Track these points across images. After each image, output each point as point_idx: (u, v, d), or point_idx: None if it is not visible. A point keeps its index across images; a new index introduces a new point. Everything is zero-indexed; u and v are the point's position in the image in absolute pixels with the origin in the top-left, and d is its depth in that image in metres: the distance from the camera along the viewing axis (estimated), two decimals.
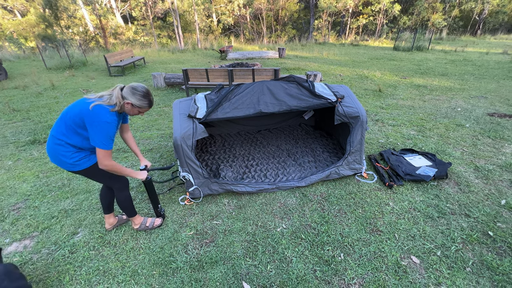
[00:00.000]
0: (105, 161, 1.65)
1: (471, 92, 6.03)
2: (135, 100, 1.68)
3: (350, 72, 8.49)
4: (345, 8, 21.89)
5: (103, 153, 1.63)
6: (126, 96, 1.67)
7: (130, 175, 1.87)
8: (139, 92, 1.69)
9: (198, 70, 5.59)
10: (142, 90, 1.70)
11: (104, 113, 1.58)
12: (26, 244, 2.12)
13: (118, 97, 1.65)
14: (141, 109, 1.75)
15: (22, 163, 3.41)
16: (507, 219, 2.22)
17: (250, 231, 2.19)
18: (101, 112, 1.58)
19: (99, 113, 1.57)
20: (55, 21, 17.66)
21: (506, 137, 3.67)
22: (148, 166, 2.13)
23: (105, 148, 1.62)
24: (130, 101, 1.68)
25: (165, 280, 1.79)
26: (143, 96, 1.70)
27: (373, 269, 1.82)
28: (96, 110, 1.57)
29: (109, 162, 1.67)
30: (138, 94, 1.68)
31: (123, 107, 1.70)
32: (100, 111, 1.58)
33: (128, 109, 1.73)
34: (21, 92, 6.96)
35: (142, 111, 1.77)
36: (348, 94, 2.73)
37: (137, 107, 1.72)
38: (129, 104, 1.69)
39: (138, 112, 1.77)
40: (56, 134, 1.66)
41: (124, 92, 1.68)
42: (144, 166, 2.10)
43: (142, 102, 1.71)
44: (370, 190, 2.65)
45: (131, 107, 1.71)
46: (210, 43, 17.14)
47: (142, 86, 1.72)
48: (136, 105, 1.70)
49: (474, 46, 14.80)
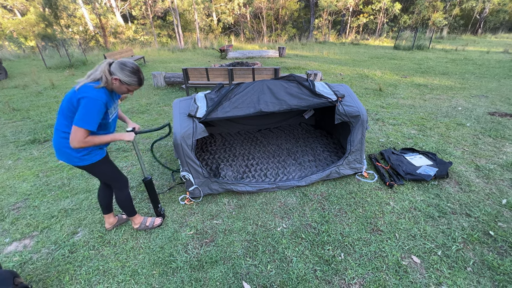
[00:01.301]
0: (75, 141, 1.51)
1: (472, 91, 6.01)
2: (123, 76, 1.58)
3: (351, 71, 8.47)
4: (346, 7, 21.84)
5: (77, 131, 1.49)
6: (114, 71, 1.57)
7: (115, 139, 1.70)
8: (128, 67, 1.59)
9: (198, 69, 5.57)
10: (131, 66, 1.60)
11: (88, 89, 1.52)
12: (26, 244, 2.12)
13: (105, 71, 1.56)
14: (129, 87, 1.64)
15: (22, 163, 3.41)
16: (508, 218, 2.21)
17: (250, 230, 2.19)
18: (84, 89, 1.51)
19: (83, 90, 1.51)
20: (55, 20, 17.64)
21: (507, 136, 3.66)
22: (136, 129, 2.00)
23: (83, 126, 1.48)
24: (118, 76, 1.57)
25: (165, 279, 1.79)
26: (132, 72, 1.60)
27: (374, 269, 1.81)
28: (81, 88, 1.52)
29: (80, 144, 1.53)
30: (127, 70, 1.58)
31: (110, 83, 1.60)
32: (84, 88, 1.52)
33: (116, 86, 1.62)
34: (21, 92, 6.95)
35: (131, 89, 1.66)
36: (348, 93, 2.71)
37: (126, 84, 1.62)
38: (117, 80, 1.59)
39: (127, 90, 1.66)
40: (60, 127, 1.63)
41: (112, 67, 1.58)
42: (131, 128, 1.96)
43: (131, 78, 1.61)
44: (370, 189, 2.64)
45: (119, 83, 1.61)
46: (210, 42, 17.12)
47: (132, 62, 1.62)
48: (125, 81, 1.60)
49: (475, 45, 14.76)
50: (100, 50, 15.27)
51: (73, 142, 1.52)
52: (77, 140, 1.51)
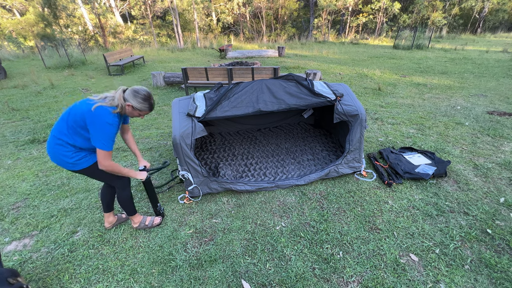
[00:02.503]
0: (104, 162, 1.67)
1: (471, 90, 6.02)
2: (135, 103, 1.70)
3: (350, 71, 8.48)
4: (345, 6, 21.84)
5: (103, 154, 1.65)
6: (127, 98, 1.70)
7: (129, 175, 1.88)
8: (140, 95, 1.71)
9: (198, 69, 5.58)
10: (143, 93, 1.72)
11: (106, 114, 1.60)
12: (25, 243, 2.12)
13: (120, 98, 1.68)
14: (141, 112, 1.77)
15: (21, 162, 3.41)
16: (506, 217, 2.22)
17: (249, 229, 2.20)
18: (103, 113, 1.60)
19: (101, 114, 1.59)
20: (54, 20, 17.60)
21: (506, 135, 3.67)
22: (147, 167, 2.14)
23: (106, 149, 1.64)
24: (131, 103, 1.70)
25: (165, 278, 1.79)
26: (143, 99, 1.72)
27: (372, 267, 1.82)
28: (98, 111, 1.59)
29: (109, 163, 1.69)
30: (139, 97, 1.71)
31: (124, 109, 1.72)
32: (102, 112, 1.60)
33: (128, 111, 1.74)
34: (20, 91, 6.95)
35: (142, 114, 1.79)
36: (347, 93, 2.72)
37: (137, 110, 1.75)
38: (130, 106, 1.71)
39: (138, 114, 1.79)
40: (57, 134, 1.67)
41: (126, 94, 1.71)
42: (143, 166, 2.12)
43: (143, 105, 1.73)
44: (369, 188, 2.65)
45: (131, 109, 1.73)
46: (210, 42, 17.11)
47: (144, 90, 1.74)
48: (137, 107, 1.72)
49: (474, 45, 14.78)
50: (99, 50, 15.25)
51: (105, 163, 1.68)
52: (107, 160, 1.68)
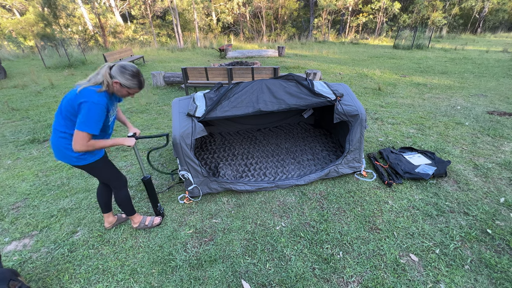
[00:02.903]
0: (78, 145, 1.53)
1: (471, 90, 6.02)
2: (123, 80, 1.59)
3: (350, 71, 8.48)
4: (345, 6, 21.83)
5: (80, 135, 1.51)
6: (114, 75, 1.58)
7: (117, 143, 1.73)
8: (128, 71, 1.59)
9: (198, 69, 5.57)
10: (131, 69, 1.61)
11: (91, 93, 1.52)
12: (25, 243, 2.12)
13: (106, 75, 1.57)
14: (130, 90, 1.65)
15: (21, 162, 3.41)
16: (506, 217, 2.22)
17: (249, 229, 2.19)
18: (87, 93, 1.51)
19: (85, 95, 1.51)
20: (54, 20, 17.59)
21: (506, 135, 3.67)
22: (137, 134, 2.01)
23: (86, 130, 1.50)
24: (119, 80, 1.58)
25: (164, 278, 1.79)
26: (132, 75, 1.60)
27: (372, 267, 1.82)
28: (83, 92, 1.52)
29: (83, 148, 1.55)
30: (127, 73, 1.59)
31: (111, 86, 1.61)
32: (86, 92, 1.52)
33: (116, 89, 1.62)
34: (20, 91, 6.94)
35: (131, 92, 1.67)
36: (347, 93, 2.72)
37: (126, 88, 1.63)
38: (117, 83, 1.60)
39: (127, 93, 1.67)
40: (58, 127, 1.63)
41: (112, 70, 1.59)
42: (133, 133, 1.98)
43: (131, 82, 1.61)
44: (369, 188, 2.65)
45: (119, 87, 1.61)
46: (210, 41, 17.10)
47: (132, 65, 1.63)
48: (125, 85, 1.61)
49: (474, 44, 14.77)
50: (99, 49, 15.25)
51: (76, 145, 1.54)
52: (80, 143, 1.53)
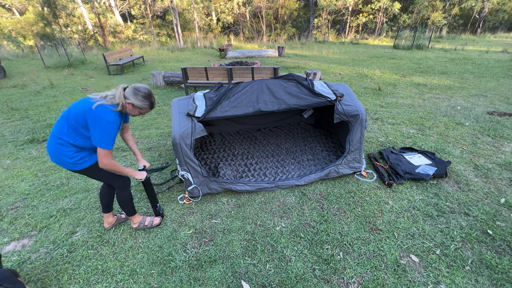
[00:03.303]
0: (105, 160, 1.66)
1: (471, 90, 6.02)
2: (136, 101, 1.69)
3: (350, 71, 8.47)
4: (345, 6, 21.82)
5: (104, 153, 1.64)
6: (128, 96, 1.68)
7: (129, 174, 1.88)
8: (141, 93, 1.69)
9: (197, 69, 5.57)
10: (144, 91, 1.71)
11: (107, 112, 1.60)
12: (24, 243, 2.11)
13: (121, 96, 1.66)
14: (141, 110, 1.76)
15: (20, 162, 3.40)
16: (507, 217, 2.22)
17: (249, 230, 2.19)
18: (103, 111, 1.59)
19: (101, 113, 1.58)
20: (53, 20, 17.56)
21: (506, 135, 3.67)
22: (147, 167, 2.13)
23: (106, 148, 1.63)
24: (131, 101, 1.69)
25: (164, 279, 1.79)
26: (144, 97, 1.71)
27: (372, 268, 1.82)
28: (99, 109, 1.59)
29: (109, 162, 1.68)
30: (140, 95, 1.69)
31: (124, 107, 1.71)
32: (103, 110, 1.59)
33: (129, 109, 1.73)
34: (19, 91, 6.93)
35: (143, 112, 1.78)
36: (347, 93, 2.71)
37: (138, 108, 1.73)
38: (130, 104, 1.70)
39: (139, 113, 1.77)
40: (58, 134, 1.66)
41: (126, 92, 1.69)
42: (142, 166, 2.11)
43: (143, 103, 1.72)
44: (369, 188, 2.65)
45: (132, 107, 1.72)
46: (210, 41, 17.09)
47: (145, 87, 1.73)
48: (137, 105, 1.71)
49: (474, 45, 14.77)
50: (99, 49, 15.23)
51: (105, 162, 1.67)
52: (107, 160, 1.67)
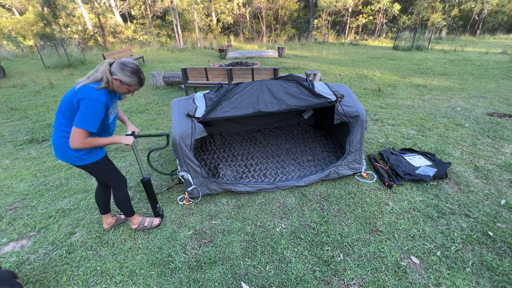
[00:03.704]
0: (75, 142, 1.51)
1: (471, 91, 6.02)
2: (123, 76, 1.57)
3: (350, 72, 8.48)
4: (345, 7, 21.86)
5: (78, 132, 1.49)
6: (114, 71, 1.57)
7: (115, 141, 1.71)
8: (128, 68, 1.58)
9: (197, 69, 5.56)
10: (132, 66, 1.59)
11: (90, 90, 1.50)
12: (23, 244, 2.10)
13: (105, 71, 1.55)
14: (130, 87, 1.64)
15: (19, 162, 3.39)
16: (507, 219, 2.21)
17: (249, 231, 2.18)
18: (86, 90, 1.50)
19: (83, 92, 1.49)
20: (53, 20, 17.56)
21: (506, 136, 3.67)
22: (136, 133, 2.01)
23: (83, 127, 1.49)
24: (118, 77, 1.57)
25: (163, 280, 1.78)
26: (132, 72, 1.59)
27: (373, 270, 1.81)
28: (81, 89, 1.50)
29: (81, 145, 1.53)
30: (128, 70, 1.57)
31: (111, 83, 1.59)
32: (85, 89, 1.50)
33: (116, 85, 1.61)
34: (19, 91, 6.92)
35: (132, 89, 1.65)
36: (347, 94, 2.71)
37: (126, 85, 1.61)
38: (117, 80, 1.58)
39: (127, 90, 1.65)
40: (58, 126, 1.62)
41: (113, 67, 1.58)
42: (131, 132, 1.96)
43: (131, 79, 1.60)
44: (369, 190, 2.64)
45: (119, 83, 1.60)
46: (210, 42, 17.10)
47: (133, 62, 1.61)
48: (125, 82, 1.59)
49: (473, 46, 14.81)
50: (99, 49, 15.23)
51: (73, 143, 1.52)
52: (77, 141, 1.51)
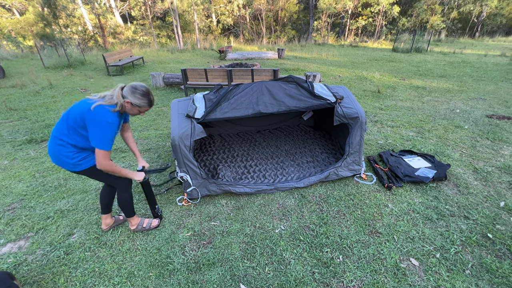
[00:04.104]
0: (103, 161, 1.65)
1: (470, 93, 6.04)
2: (134, 99, 1.68)
3: (349, 73, 8.49)
4: (345, 9, 21.93)
5: (102, 154, 1.63)
6: (126, 95, 1.68)
7: (127, 175, 1.86)
8: (138, 91, 1.68)
9: (197, 70, 5.56)
10: (142, 89, 1.70)
11: (105, 113, 1.59)
12: (20, 245, 2.09)
13: (119, 96, 1.66)
14: (140, 109, 1.75)
15: (18, 163, 3.37)
16: (506, 221, 2.21)
17: (248, 232, 2.17)
18: (102, 112, 1.58)
19: (99, 113, 1.58)
20: (53, 20, 17.56)
21: (505, 139, 3.68)
22: (146, 167, 2.11)
23: (104, 149, 1.62)
24: (130, 100, 1.67)
25: (162, 282, 1.77)
26: (142, 95, 1.69)
27: (372, 272, 1.80)
28: (97, 110, 1.58)
29: (107, 163, 1.67)
30: (138, 93, 1.68)
31: (123, 107, 1.70)
32: (101, 111, 1.58)
33: (128, 108, 1.72)
34: (18, 91, 6.90)
35: (142, 110, 1.77)
36: (347, 95, 2.71)
37: (137, 106, 1.72)
38: (129, 103, 1.69)
39: (138, 111, 1.76)
40: (58, 135, 1.67)
41: (124, 91, 1.68)
42: (141, 167, 2.09)
43: (142, 101, 1.70)
44: (369, 191, 2.64)
45: (130, 106, 1.71)
46: (210, 43, 17.12)
47: (142, 85, 1.72)
48: (136, 104, 1.70)
49: (472, 48, 14.87)
50: (98, 50, 15.23)
51: (103, 164, 1.65)
52: (105, 161, 1.65)
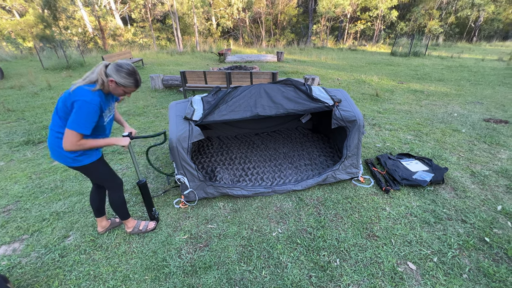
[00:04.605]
0: (68, 144, 1.49)
1: (467, 97, 6.08)
2: (119, 78, 1.55)
3: (348, 77, 8.54)
4: (344, 13, 22.12)
5: (70, 134, 1.47)
6: (110, 73, 1.55)
7: (110, 143, 1.68)
8: (124, 69, 1.55)
9: (196, 72, 5.57)
10: (127, 67, 1.57)
11: (84, 92, 1.49)
12: (15, 247, 2.07)
13: (101, 73, 1.54)
14: (126, 89, 1.61)
15: (14, 164, 3.35)
16: (503, 225, 2.21)
17: (245, 235, 2.16)
18: (80, 92, 1.49)
19: (77, 93, 1.48)
20: (53, 22, 17.60)
21: (502, 142, 3.69)
22: (133, 134, 1.96)
23: (76, 129, 1.47)
24: (114, 78, 1.55)
25: (157, 285, 1.75)
26: (128, 74, 1.57)
27: (369, 275, 1.79)
28: (76, 91, 1.49)
29: (73, 147, 1.51)
30: (123, 72, 1.55)
31: (106, 85, 1.57)
32: (79, 91, 1.49)
33: (112, 87, 1.59)
34: (16, 92, 6.89)
35: (128, 91, 1.63)
36: (345, 98, 2.72)
37: (122, 86, 1.59)
38: (113, 82, 1.56)
39: (123, 92, 1.63)
40: (55, 128, 1.61)
41: (108, 69, 1.56)
42: (128, 133, 1.92)
43: (127, 80, 1.57)
44: (366, 194, 2.63)
45: (115, 85, 1.58)
46: (209, 46, 17.19)
47: (128, 64, 1.59)
48: (121, 83, 1.57)
49: (470, 53, 15.00)
50: (98, 52, 15.26)
51: (66, 145, 1.51)
52: (69, 143, 1.50)
